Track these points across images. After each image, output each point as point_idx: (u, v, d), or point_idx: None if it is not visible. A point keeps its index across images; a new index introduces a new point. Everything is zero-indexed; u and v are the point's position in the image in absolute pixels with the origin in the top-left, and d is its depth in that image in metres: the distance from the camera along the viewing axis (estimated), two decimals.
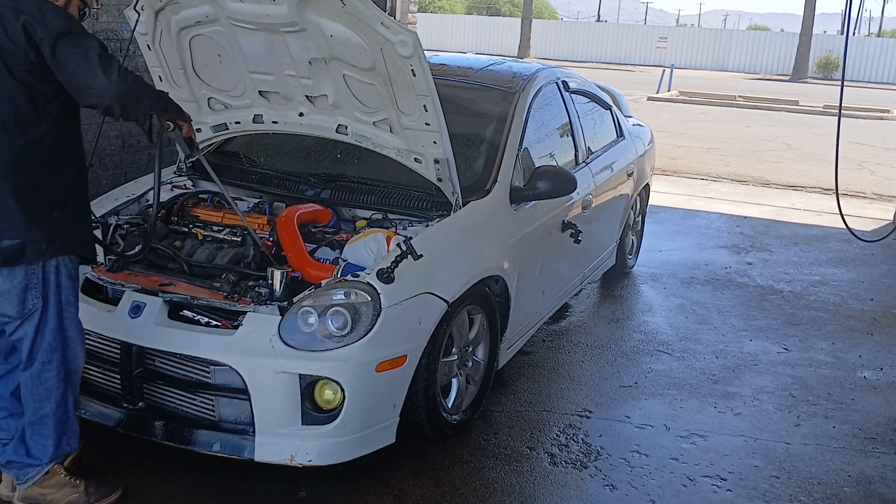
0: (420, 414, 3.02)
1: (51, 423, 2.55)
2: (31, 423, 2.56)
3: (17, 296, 2.42)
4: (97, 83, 2.31)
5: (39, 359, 2.50)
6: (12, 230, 2.35)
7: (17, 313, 2.44)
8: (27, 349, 2.50)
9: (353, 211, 3.49)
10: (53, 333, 2.50)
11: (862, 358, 4.48)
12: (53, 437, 2.57)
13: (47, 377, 2.52)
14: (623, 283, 5.50)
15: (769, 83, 30.62)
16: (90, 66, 2.30)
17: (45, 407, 2.53)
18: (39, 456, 2.57)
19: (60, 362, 2.53)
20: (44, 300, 2.46)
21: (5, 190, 2.33)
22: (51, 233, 2.42)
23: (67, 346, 2.54)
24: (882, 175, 10.71)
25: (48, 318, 2.48)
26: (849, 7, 19.30)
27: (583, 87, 4.92)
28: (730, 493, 3.08)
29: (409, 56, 2.84)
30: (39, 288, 2.44)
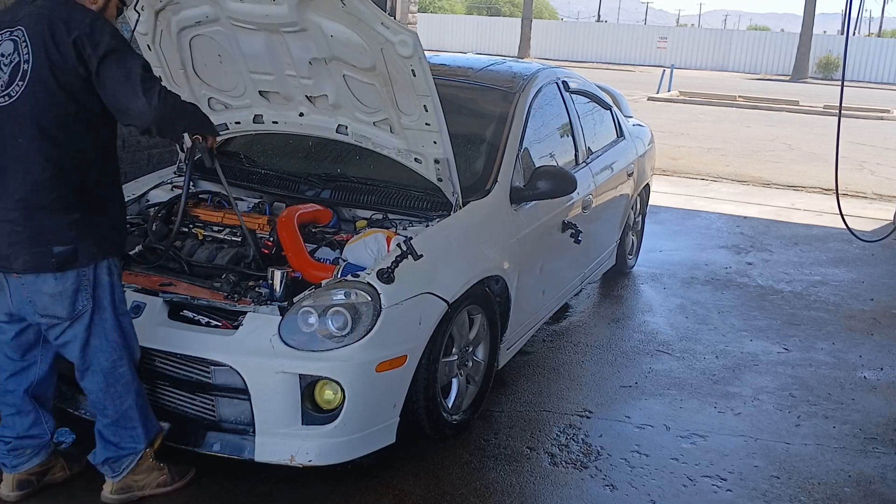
0: (420, 414, 3.02)
1: (135, 413, 2.64)
2: (113, 421, 2.62)
3: (68, 297, 2.45)
4: (137, 105, 2.35)
5: (107, 358, 2.55)
6: (64, 237, 2.39)
7: (68, 314, 2.47)
8: (78, 351, 2.53)
9: (353, 211, 3.49)
10: (116, 332, 2.56)
11: (862, 358, 4.48)
12: (140, 424, 2.66)
13: (122, 373, 2.59)
14: (623, 283, 5.50)
15: (769, 83, 30.63)
16: (132, 88, 2.34)
17: (126, 401, 2.61)
18: (132, 446, 2.66)
19: (129, 357, 2.61)
20: (97, 301, 2.50)
21: (56, 199, 2.37)
22: (98, 236, 2.48)
23: (128, 342, 2.61)
24: (882, 175, 10.72)
25: (106, 317, 2.53)
26: (849, 7, 19.37)
27: (583, 87, 4.92)
28: (730, 493, 3.08)
29: (410, 56, 2.84)
30: (90, 290, 2.48)
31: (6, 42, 2.36)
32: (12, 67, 2.34)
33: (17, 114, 2.34)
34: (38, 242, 2.38)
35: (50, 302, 2.45)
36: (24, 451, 2.70)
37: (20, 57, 2.34)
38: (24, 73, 2.33)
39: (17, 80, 2.33)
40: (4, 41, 2.36)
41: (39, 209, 2.37)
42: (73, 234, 2.41)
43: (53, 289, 2.43)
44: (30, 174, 2.35)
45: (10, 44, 2.35)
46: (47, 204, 2.37)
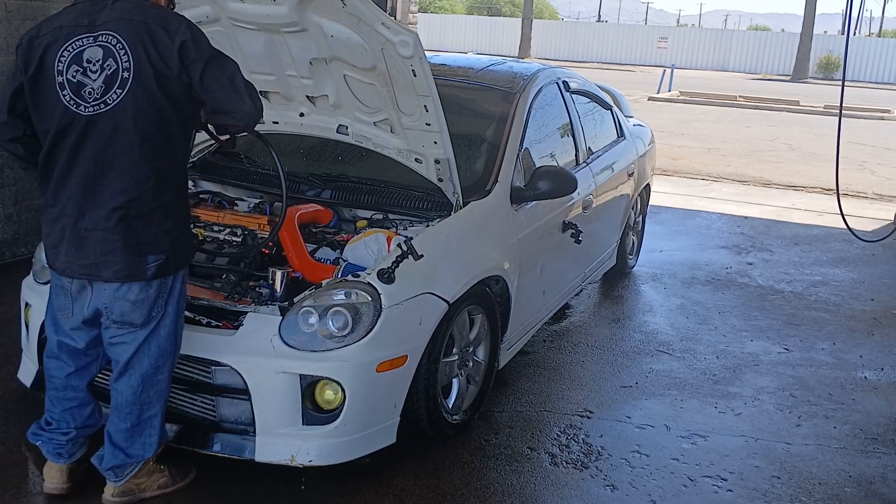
0: (421, 414, 3.02)
1: (157, 422, 2.63)
2: (133, 426, 2.60)
3: (148, 305, 2.46)
4: (244, 108, 2.37)
5: (151, 363, 2.54)
6: (160, 246, 2.41)
7: (143, 322, 2.48)
8: (129, 353, 2.52)
9: (353, 211, 3.49)
10: (170, 339, 2.56)
11: (863, 358, 4.47)
12: (157, 434, 2.65)
13: (160, 380, 2.58)
14: (624, 283, 5.50)
15: (770, 83, 30.63)
16: (237, 92, 2.36)
17: (153, 408, 2.60)
18: (140, 454, 2.64)
19: (171, 364, 2.61)
20: (167, 309, 2.52)
21: (156, 208, 2.38)
22: (185, 245, 2.54)
23: (177, 349, 2.62)
24: (883, 175, 10.71)
25: (165, 324, 2.53)
26: (849, 7, 19.30)
27: (583, 87, 4.92)
28: (730, 493, 3.08)
29: (410, 56, 2.84)
30: (166, 297, 2.50)
31: (92, 48, 2.30)
32: (108, 75, 2.29)
33: (116, 123, 2.30)
34: (135, 252, 2.37)
35: (130, 309, 2.44)
36: (80, 440, 2.72)
37: (118, 64, 2.28)
38: (125, 81, 2.28)
39: (114, 88, 2.29)
40: (89, 47, 2.31)
41: (139, 218, 2.36)
42: (167, 243, 2.42)
43: (137, 296, 2.43)
44: (131, 183, 2.33)
45: (99, 49, 2.30)
46: (147, 213, 2.36)
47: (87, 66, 2.30)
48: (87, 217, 2.36)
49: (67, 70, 2.31)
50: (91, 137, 2.32)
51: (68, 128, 2.33)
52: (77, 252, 2.39)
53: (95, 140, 2.32)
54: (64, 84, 2.31)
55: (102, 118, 2.30)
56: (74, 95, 2.31)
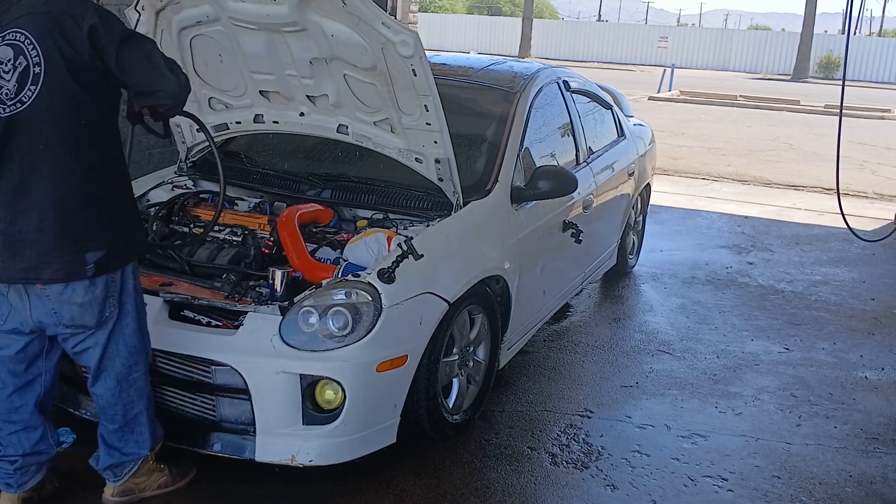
0: (421, 414, 3.02)
1: (144, 419, 2.62)
2: (121, 426, 2.60)
3: (97, 305, 2.41)
4: (168, 85, 2.31)
5: (123, 363, 2.52)
6: (97, 241, 2.35)
7: (96, 322, 2.43)
8: (97, 357, 2.50)
9: (353, 211, 3.49)
10: (136, 335, 2.54)
11: (863, 358, 4.47)
12: (148, 431, 2.64)
13: (136, 378, 2.57)
14: (624, 282, 5.50)
15: (770, 83, 30.61)
16: (157, 69, 2.30)
17: (137, 406, 2.59)
18: (136, 451, 2.64)
19: (145, 361, 2.59)
20: (122, 307, 2.47)
21: (86, 203, 2.31)
22: (127, 238, 2.46)
23: (146, 344, 2.60)
24: (883, 175, 10.71)
25: (127, 321, 2.50)
26: (850, 7, 19.39)
27: (584, 86, 4.91)
28: (731, 493, 3.08)
29: (410, 56, 2.84)
30: (117, 295, 2.45)
31: (1, 48, 2.23)
32: (20, 73, 2.22)
33: (34, 120, 2.24)
34: (71, 250, 2.31)
35: (79, 311, 2.39)
36: (30, 469, 2.63)
37: (28, 60, 2.22)
38: (37, 77, 2.22)
39: (28, 86, 2.22)
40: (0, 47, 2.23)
41: (71, 215, 2.30)
42: (105, 237, 2.36)
43: (83, 298, 2.38)
44: (58, 179, 2.27)
45: (9, 49, 2.23)
46: (78, 209, 2.31)
47: (9, 69, 2.23)
48: (20, 220, 2.29)
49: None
50: (13, 138, 2.25)
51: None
52: (13, 256, 2.31)
53: (18, 140, 2.25)
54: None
55: (21, 117, 2.24)
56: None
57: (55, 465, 2.80)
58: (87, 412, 2.94)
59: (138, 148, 5.24)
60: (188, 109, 2.92)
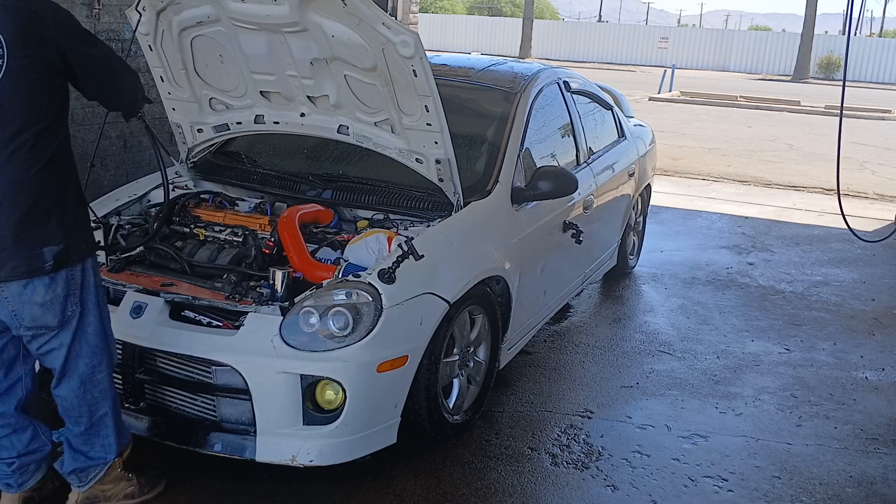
0: (421, 414, 3.02)
1: (110, 422, 2.57)
2: (86, 429, 2.54)
3: (59, 304, 2.36)
4: (124, 83, 2.40)
5: (86, 363, 2.47)
6: (54, 237, 2.31)
7: (58, 322, 2.38)
8: (62, 358, 2.44)
9: (354, 211, 3.49)
10: (98, 335, 2.48)
11: (864, 358, 4.47)
12: (114, 433, 2.59)
13: (100, 379, 2.51)
14: (624, 283, 5.50)
15: (771, 83, 30.61)
16: (115, 70, 2.38)
17: (102, 408, 2.54)
18: (102, 456, 2.59)
19: (108, 361, 2.54)
20: (83, 305, 2.43)
21: (44, 199, 2.29)
22: (83, 233, 2.44)
23: (109, 344, 2.54)
24: (884, 175, 10.71)
25: (89, 320, 2.45)
26: (850, 7, 19.42)
27: (584, 87, 4.92)
28: (731, 493, 3.08)
29: (411, 56, 2.84)
30: (78, 293, 2.41)
31: None
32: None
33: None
34: (28, 245, 2.27)
35: (41, 312, 2.34)
36: (28, 468, 2.61)
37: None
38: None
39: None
40: None
41: (27, 211, 2.26)
42: (63, 231, 2.33)
43: (44, 297, 2.33)
44: (14, 176, 2.24)
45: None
46: (35, 204, 2.27)
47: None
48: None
49: None
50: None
51: None
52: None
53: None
54: None
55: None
56: None
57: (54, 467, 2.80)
58: None
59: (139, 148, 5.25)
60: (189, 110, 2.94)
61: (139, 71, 2.78)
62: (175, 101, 3.56)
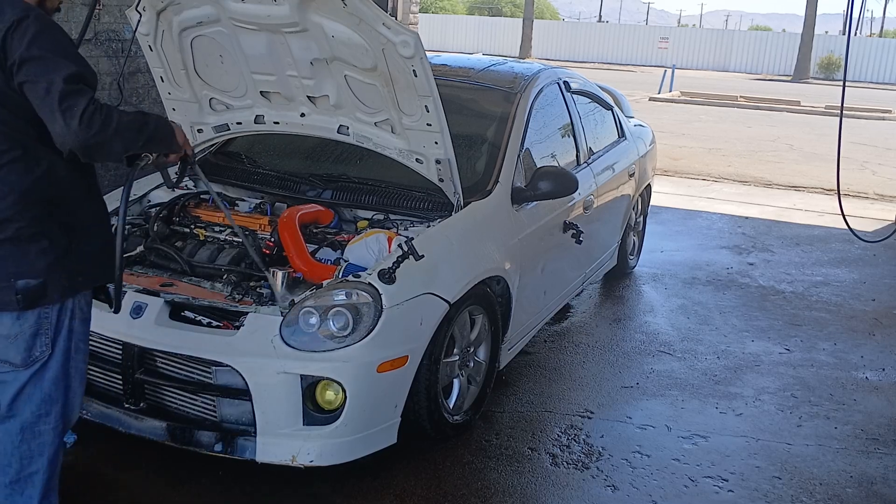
0: (421, 414, 3.02)
1: (38, 482, 2.25)
2: (14, 481, 2.24)
3: (24, 342, 2.13)
4: (56, 128, 1.96)
5: (33, 410, 2.19)
6: (32, 269, 2.08)
7: (22, 361, 2.14)
8: (10, 395, 2.18)
9: (354, 211, 3.49)
10: (55, 383, 2.20)
11: (864, 358, 4.47)
12: (38, 497, 2.26)
13: (43, 430, 2.22)
14: (624, 283, 5.50)
15: (771, 83, 30.61)
16: (50, 106, 1.94)
17: (34, 464, 2.23)
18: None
19: (59, 415, 2.24)
20: (52, 347, 2.17)
21: (23, 229, 2.07)
22: (73, 268, 2.16)
23: (68, 398, 2.25)
24: (884, 175, 10.71)
25: (50, 365, 2.18)
26: (850, 7, 19.29)
27: (584, 87, 4.91)
28: (731, 493, 3.08)
29: (411, 56, 2.84)
30: (51, 334, 2.16)
31: None
32: None
33: None
34: (2, 277, 2.06)
35: (3, 344, 2.12)
36: None
37: None
38: None
39: None
40: None
41: (3, 241, 2.06)
42: (43, 265, 2.09)
43: (9, 330, 2.11)
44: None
45: None
46: (13, 233, 2.06)
47: None
48: None
49: None
50: None
51: None
52: None
53: None
54: None
55: None
56: None
57: None
58: (89, 412, 2.93)
59: None
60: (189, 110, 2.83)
61: (139, 71, 2.73)
62: (175, 102, 3.56)
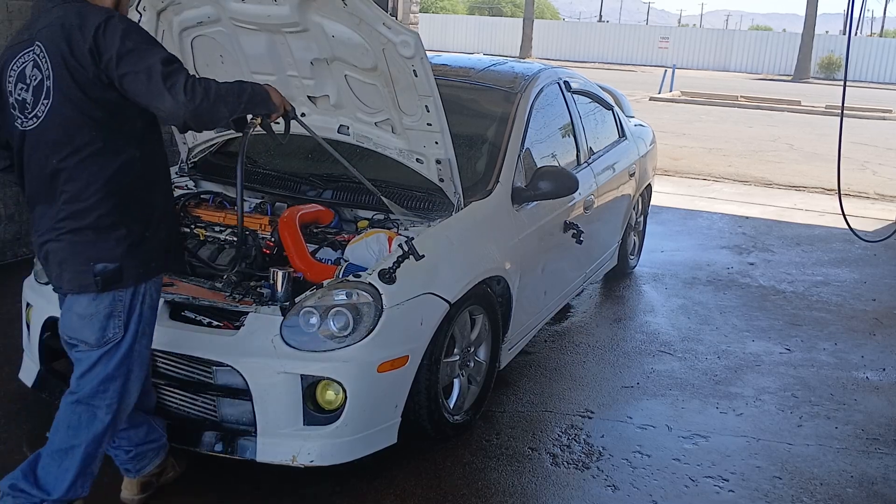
0: (422, 414, 3.01)
1: (78, 456, 2.35)
2: (56, 450, 2.36)
3: (99, 322, 2.29)
4: (166, 105, 2.15)
5: (93, 386, 2.34)
6: (109, 254, 2.25)
7: (96, 341, 2.30)
8: (80, 372, 2.35)
9: (354, 211, 3.49)
10: (119, 365, 2.35)
11: (864, 358, 4.47)
12: (73, 472, 2.36)
13: (96, 405, 2.35)
14: (625, 283, 5.50)
15: (771, 83, 30.62)
16: (156, 87, 2.14)
17: (79, 437, 2.35)
18: (48, 489, 2.35)
19: (116, 395, 2.36)
20: (124, 329, 2.33)
21: (103, 217, 2.24)
22: (146, 255, 2.33)
23: (128, 381, 2.39)
24: (884, 175, 10.71)
25: (121, 347, 2.34)
26: (851, 7, 19.12)
27: (585, 87, 4.91)
28: (732, 493, 3.08)
29: (411, 56, 2.84)
30: (123, 317, 2.32)
31: (28, 63, 2.20)
32: (35, 86, 2.18)
33: (48, 135, 2.20)
34: (83, 260, 2.24)
35: (79, 324, 2.30)
36: (146, 455, 2.67)
37: (42, 73, 2.17)
38: (48, 91, 2.17)
39: (42, 99, 2.18)
40: (28, 61, 2.20)
41: (85, 228, 2.23)
42: (120, 251, 2.26)
43: (85, 310, 2.28)
44: (73, 193, 2.22)
45: (31, 64, 2.20)
46: (93, 221, 2.23)
47: (29, 81, 2.21)
48: (45, 230, 2.28)
49: (15, 90, 2.24)
50: (35, 152, 2.24)
51: (21, 147, 2.27)
52: (46, 265, 2.33)
53: (38, 154, 2.24)
54: (14, 104, 2.25)
55: (38, 131, 2.21)
56: (20, 114, 2.23)
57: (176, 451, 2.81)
58: None
59: None
60: None
61: None
62: None
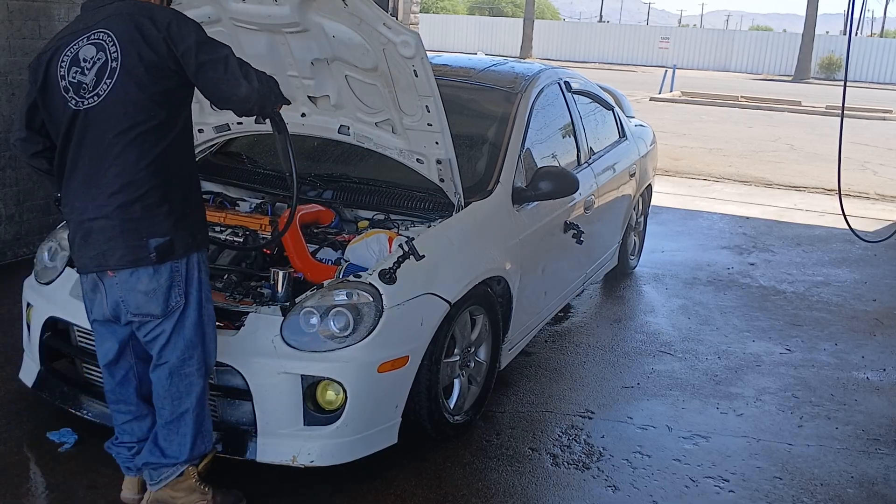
0: (422, 415, 3.01)
1: (189, 420, 2.55)
2: (168, 422, 2.54)
3: (162, 294, 2.42)
4: (241, 92, 2.36)
5: (178, 355, 2.49)
6: (160, 229, 2.38)
7: (162, 311, 2.44)
8: (159, 346, 2.49)
9: (355, 211, 3.49)
10: (194, 330, 2.50)
11: (865, 359, 4.47)
12: (191, 435, 2.56)
13: (188, 372, 2.51)
14: (625, 283, 5.50)
15: (771, 83, 30.61)
16: (233, 76, 2.35)
17: (185, 403, 2.53)
18: (175, 455, 2.56)
19: (201, 358, 2.53)
20: (187, 298, 2.47)
21: (151, 192, 2.36)
22: (192, 227, 2.47)
23: (205, 342, 2.54)
24: (885, 175, 10.71)
25: (189, 313, 2.48)
26: (851, 7, 19.11)
27: (585, 87, 4.91)
28: (732, 494, 3.07)
29: (412, 57, 2.84)
30: (183, 285, 2.45)
31: (87, 47, 2.35)
32: (98, 67, 2.33)
33: (107, 112, 2.32)
34: (135, 236, 2.36)
35: (144, 300, 2.41)
36: None
37: (107, 56, 2.32)
38: (113, 71, 2.31)
39: (104, 79, 2.32)
40: (84, 46, 2.35)
41: (135, 202, 2.35)
42: (169, 224, 2.39)
43: (147, 285, 2.40)
44: (125, 167, 2.33)
45: (92, 48, 2.34)
46: (142, 196, 2.35)
47: (84, 65, 2.35)
48: (90, 208, 2.37)
49: (69, 73, 2.36)
50: (90, 130, 2.35)
51: (71, 126, 2.37)
52: (85, 244, 2.41)
53: (94, 131, 2.35)
54: (67, 87, 2.36)
55: (97, 109, 2.33)
56: (76, 95, 2.35)
57: None
58: (89, 412, 2.94)
59: None
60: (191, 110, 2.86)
61: None
62: None
